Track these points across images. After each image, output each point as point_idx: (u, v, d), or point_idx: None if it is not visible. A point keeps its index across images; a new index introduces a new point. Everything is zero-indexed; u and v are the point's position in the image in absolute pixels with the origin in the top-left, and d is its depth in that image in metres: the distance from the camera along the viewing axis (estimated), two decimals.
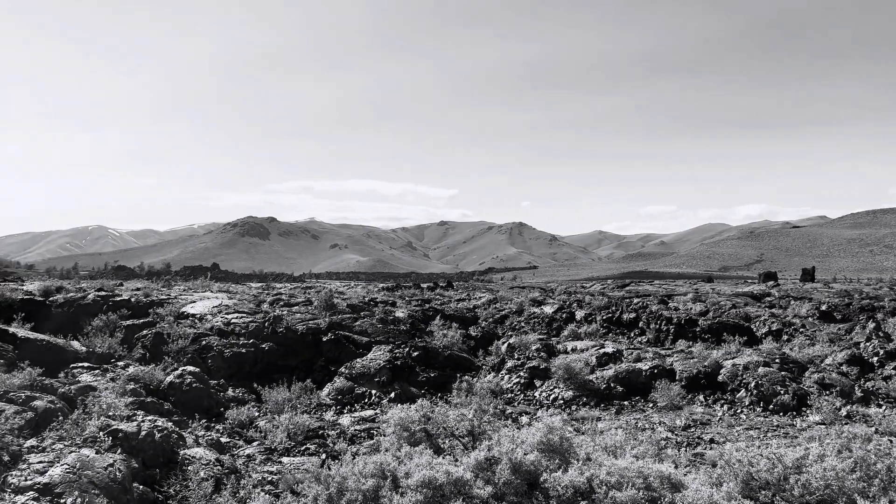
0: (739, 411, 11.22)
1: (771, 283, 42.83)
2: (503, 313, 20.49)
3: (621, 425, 9.90)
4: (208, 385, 10.92)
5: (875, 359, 13.28)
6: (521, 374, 13.70)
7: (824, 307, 20.05)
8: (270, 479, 7.04)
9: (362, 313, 17.89)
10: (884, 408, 10.85)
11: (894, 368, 12.76)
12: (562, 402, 12.31)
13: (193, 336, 13.92)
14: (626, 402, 12.12)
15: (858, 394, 11.45)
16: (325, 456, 7.92)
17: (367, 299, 21.82)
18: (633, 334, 18.43)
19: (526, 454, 5.94)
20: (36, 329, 12.97)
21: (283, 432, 8.78)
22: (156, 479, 6.56)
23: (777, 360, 12.71)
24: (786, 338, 16.84)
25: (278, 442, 8.59)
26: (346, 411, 11.74)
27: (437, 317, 19.05)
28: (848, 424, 9.44)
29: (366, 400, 12.53)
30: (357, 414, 11.34)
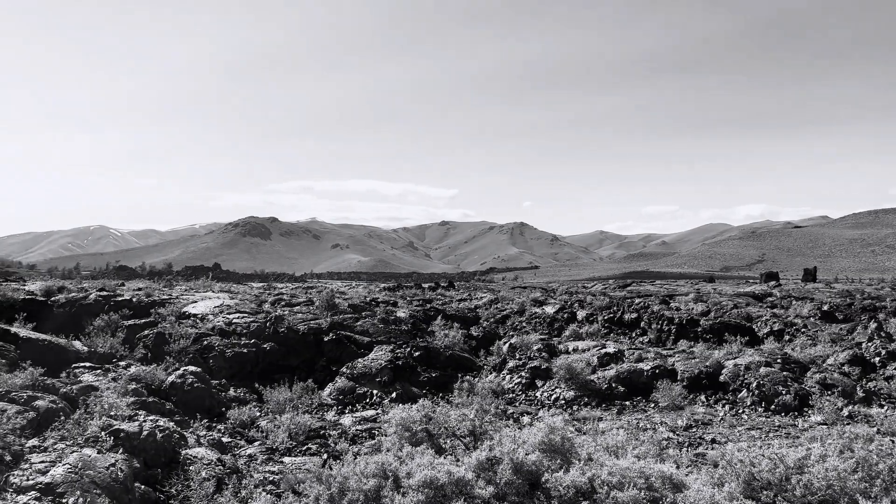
0: (741, 411, 11.22)
1: (772, 283, 42.79)
2: (504, 313, 20.49)
3: (623, 425, 9.90)
4: (210, 385, 10.93)
5: (877, 359, 13.26)
6: (523, 374, 13.70)
7: (826, 307, 20.03)
8: (272, 479, 7.04)
9: (364, 313, 17.90)
10: (886, 408, 10.84)
11: None
12: (563, 402, 12.30)
13: (195, 336, 13.93)
14: (628, 403, 12.11)
15: (860, 394, 11.44)
16: (327, 456, 7.93)
17: (368, 299, 21.83)
18: (634, 334, 18.43)
19: (527, 454, 5.94)
20: (38, 329, 12.99)
21: (284, 432, 8.78)
22: (157, 479, 6.57)
23: (779, 361, 12.70)
24: (787, 338, 16.83)
25: (280, 442, 8.59)
26: (347, 411, 11.75)
27: (439, 317, 19.05)
28: (850, 425, 9.44)
29: (367, 400, 12.54)
30: (358, 414, 11.35)
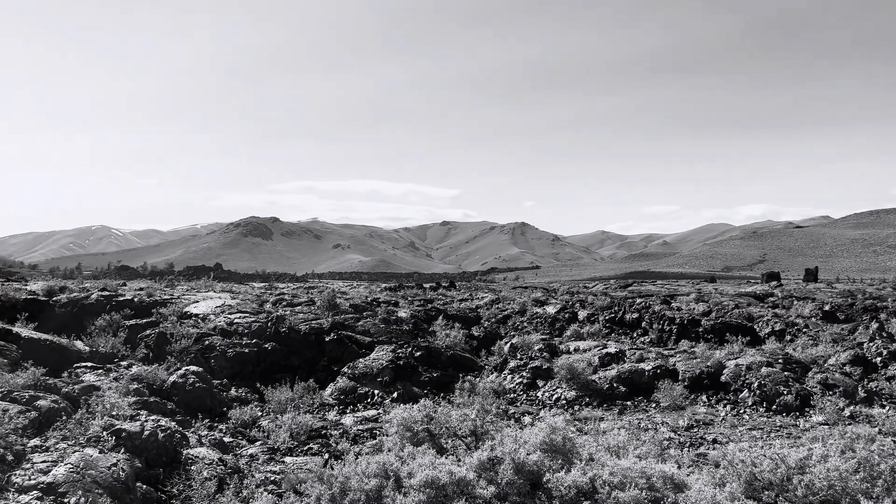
0: (742, 411, 11.21)
1: (774, 283, 42.75)
2: (506, 313, 20.48)
3: (624, 425, 9.89)
4: (211, 385, 10.94)
5: (878, 359, 13.25)
6: (524, 374, 13.69)
7: (827, 307, 20.00)
8: (273, 478, 7.05)
9: (365, 313, 17.90)
10: (887, 408, 10.83)
11: None
12: (564, 402, 12.30)
13: (196, 336, 13.95)
14: (629, 403, 12.11)
15: (862, 394, 11.43)
16: (328, 456, 7.94)
17: (369, 299, 21.83)
18: (635, 334, 18.41)
19: (529, 454, 5.94)
20: (39, 329, 13.00)
21: (285, 432, 8.79)
22: (159, 479, 6.58)
23: (780, 361, 12.69)
24: (789, 338, 16.80)
25: (281, 442, 8.60)
26: (348, 411, 11.75)
27: (440, 317, 19.05)
28: (851, 425, 9.42)
29: (368, 400, 12.54)
30: (360, 414, 11.35)
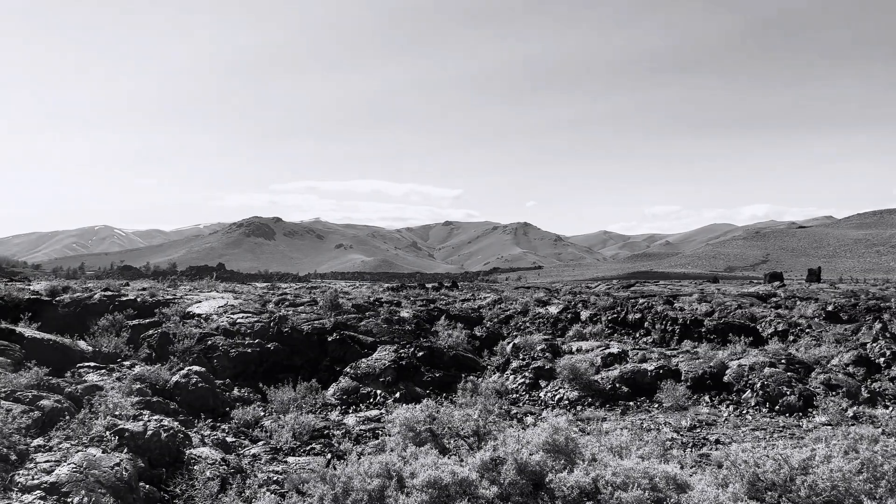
0: (745, 412, 11.19)
1: (777, 283, 42.67)
2: (508, 313, 20.48)
3: (626, 426, 9.89)
4: (214, 385, 10.95)
5: (882, 360, 13.21)
6: (526, 374, 13.69)
7: (830, 308, 19.96)
8: (276, 478, 7.05)
9: (367, 313, 17.91)
10: (890, 409, 10.81)
11: None
12: (567, 402, 12.29)
13: (199, 336, 13.96)
14: (632, 403, 12.09)
15: (865, 395, 11.40)
16: (331, 456, 7.95)
17: (372, 299, 21.84)
18: (638, 335, 18.39)
19: (531, 454, 5.94)
20: (42, 329, 13.03)
21: (288, 432, 8.80)
22: (162, 479, 6.59)
23: (783, 361, 12.66)
24: (792, 338, 16.77)
25: (283, 441, 8.61)
26: (351, 411, 11.76)
27: (442, 317, 19.05)
28: (854, 425, 9.40)
29: (371, 400, 12.55)
30: (362, 414, 11.35)
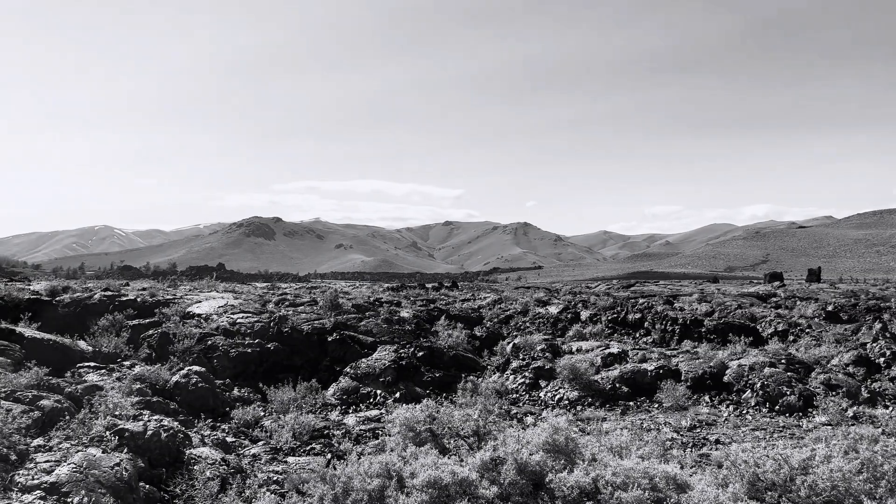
0: (745, 412, 11.18)
1: (777, 283, 42.67)
2: (508, 313, 20.48)
3: (626, 426, 9.89)
4: (214, 385, 10.95)
5: (882, 360, 13.21)
6: (526, 374, 13.69)
7: (830, 308, 19.96)
8: (276, 478, 7.05)
9: (367, 313, 17.91)
10: (890, 409, 10.81)
11: None
12: (567, 402, 12.29)
13: (199, 336, 13.96)
14: (632, 403, 12.09)
15: (865, 395, 11.40)
16: (331, 456, 7.95)
17: (372, 299, 21.84)
18: (638, 335, 18.39)
19: (531, 454, 5.94)
20: (42, 329, 13.03)
21: (288, 432, 8.80)
22: (162, 479, 6.59)
23: (783, 361, 12.66)
24: (792, 338, 16.77)
25: (283, 441, 8.61)
26: (351, 411, 11.76)
27: (442, 317, 19.05)
28: (854, 425, 9.40)
29: (371, 400, 12.55)
30: (362, 414, 11.35)
